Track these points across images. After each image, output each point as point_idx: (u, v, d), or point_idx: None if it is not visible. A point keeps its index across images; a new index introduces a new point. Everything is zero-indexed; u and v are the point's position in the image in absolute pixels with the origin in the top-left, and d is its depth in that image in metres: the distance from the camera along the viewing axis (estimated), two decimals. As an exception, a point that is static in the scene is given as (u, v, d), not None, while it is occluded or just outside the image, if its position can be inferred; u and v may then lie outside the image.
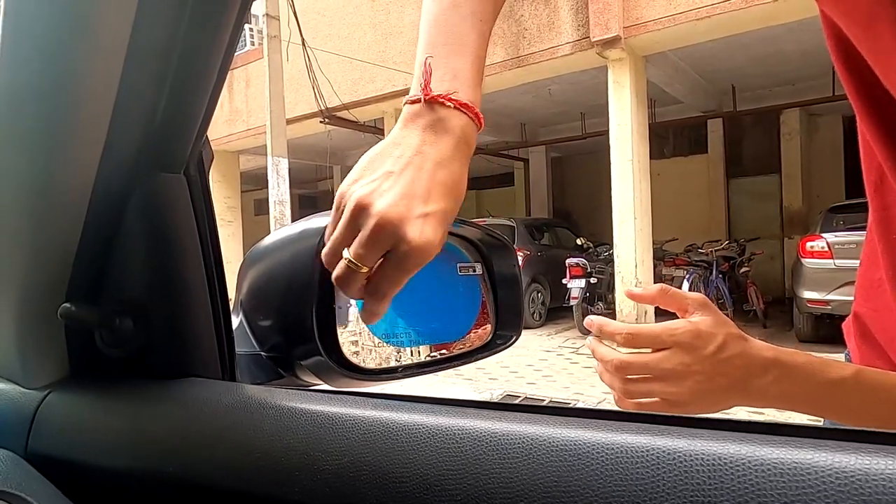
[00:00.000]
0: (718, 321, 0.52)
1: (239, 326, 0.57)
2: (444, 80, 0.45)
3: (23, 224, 0.48)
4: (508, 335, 0.67)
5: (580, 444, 0.29)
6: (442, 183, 0.42)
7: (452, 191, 0.43)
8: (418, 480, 0.32)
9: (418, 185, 0.41)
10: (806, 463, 0.24)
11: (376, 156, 0.43)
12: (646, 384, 0.53)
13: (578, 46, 6.77)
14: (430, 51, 0.46)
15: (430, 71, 0.45)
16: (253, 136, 10.16)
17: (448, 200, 0.42)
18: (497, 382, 5.17)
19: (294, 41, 7.34)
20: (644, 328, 0.53)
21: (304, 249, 0.53)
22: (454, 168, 0.43)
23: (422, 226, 0.40)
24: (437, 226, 0.41)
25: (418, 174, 0.41)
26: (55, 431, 0.49)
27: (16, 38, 0.40)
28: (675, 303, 0.55)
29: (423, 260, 0.40)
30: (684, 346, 0.51)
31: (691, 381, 0.51)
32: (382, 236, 0.39)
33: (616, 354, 0.54)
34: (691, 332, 0.51)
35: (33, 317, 0.51)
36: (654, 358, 0.52)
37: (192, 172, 0.50)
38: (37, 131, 0.43)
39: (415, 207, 0.40)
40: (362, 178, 0.42)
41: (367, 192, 0.41)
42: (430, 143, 0.43)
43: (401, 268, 0.40)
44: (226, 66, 0.45)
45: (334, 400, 0.41)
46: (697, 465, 0.26)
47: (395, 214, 0.39)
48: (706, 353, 0.50)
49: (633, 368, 0.53)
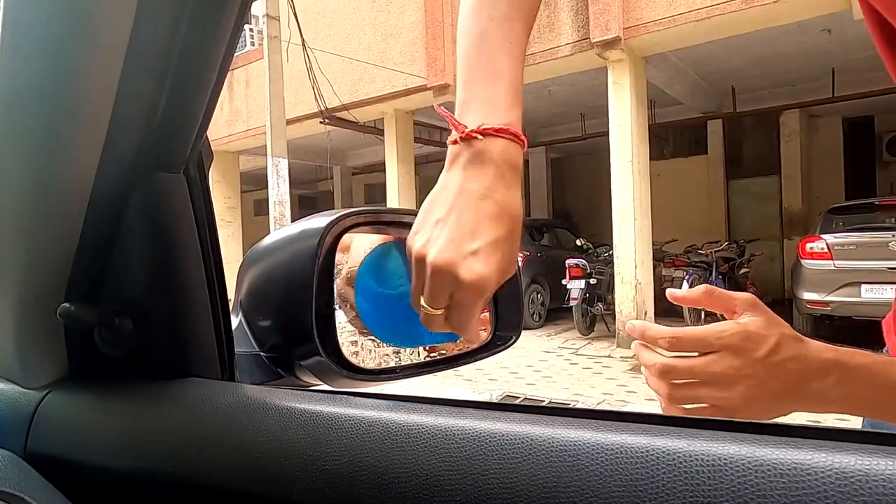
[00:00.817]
0: (770, 322, 0.49)
1: (238, 326, 0.57)
2: (479, 112, 0.46)
3: (22, 223, 0.48)
4: (508, 336, 0.67)
5: (580, 445, 0.29)
6: (488, 215, 0.44)
7: (501, 217, 0.44)
8: (418, 480, 0.32)
9: (464, 225, 0.43)
10: (806, 463, 0.24)
11: (429, 205, 0.46)
12: (692, 389, 0.50)
13: (578, 47, 6.77)
14: (466, 88, 0.48)
15: (453, 112, 0.47)
16: (253, 136, 10.15)
17: (498, 228, 0.44)
18: (496, 383, 5.17)
19: (294, 41, 7.34)
20: (689, 331, 0.50)
21: (303, 250, 0.53)
22: (498, 196, 0.45)
23: (471, 264, 0.42)
24: (487, 258, 0.43)
25: (462, 214, 0.44)
26: (54, 431, 0.49)
27: (16, 37, 0.40)
28: (722, 304, 0.52)
29: (480, 293, 0.43)
30: (733, 349, 0.48)
31: (742, 385, 0.48)
32: (440, 282, 0.43)
33: (660, 358, 0.51)
34: (740, 335, 0.48)
35: (33, 316, 0.51)
36: (701, 362, 0.49)
37: (191, 172, 0.50)
38: (36, 131, 0.43)
39: (462, 247, 0.43)
40: (420, 231, 0.45)
41: (422, 244, 0.44)
42: (472, 179, 0.45)
43: (464, 305, 0.44)
44: (226, 66, 0.45)
45: (334, 400, 0.41)
46: (697, 465, 0.26)
47: (443, 261, 0.42)
48: (758, 355, 0.48)
49: (678, 373, 0.50)
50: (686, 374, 0.50)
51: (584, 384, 5.15)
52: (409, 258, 0.46)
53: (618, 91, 6.66)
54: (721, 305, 0.53)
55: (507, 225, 0.45)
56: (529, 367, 5.80)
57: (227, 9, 0.42)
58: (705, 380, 0.49)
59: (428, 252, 0.43)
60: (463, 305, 0.44)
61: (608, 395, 4.75)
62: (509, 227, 0.45)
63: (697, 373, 0.49)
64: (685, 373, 0.50)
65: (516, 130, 0.46)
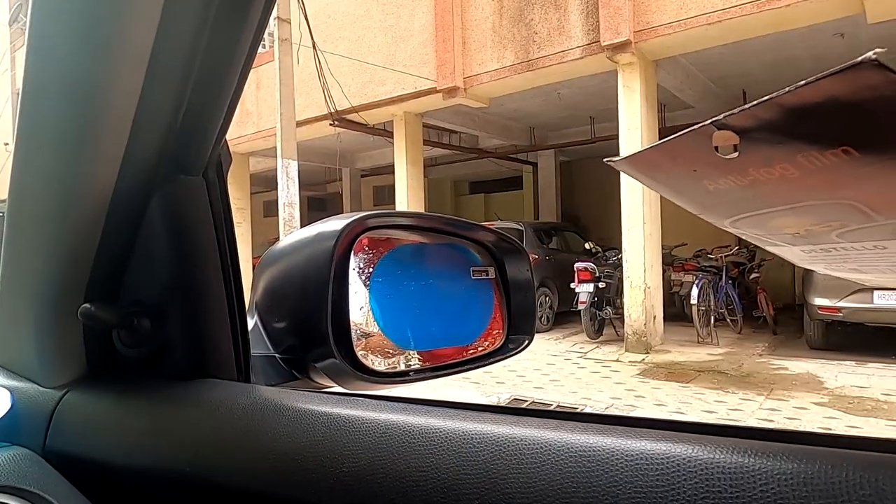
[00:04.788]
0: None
1: (254, 328, 0.57)
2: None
3: (44, 225, 0.48)
4: (521, 339, 0.67)
5: (598, 451, 0.29)
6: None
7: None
8: (436, 484, 0.32)
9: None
10: (827, 474, 0.24)
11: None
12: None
13: (589, 50, 6.75)
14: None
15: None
16: (263, 138, 10.21)
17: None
18: (504, 386, 5.15)
19: (305, 44, 7.38)
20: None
21: (319, 252, 0.53)
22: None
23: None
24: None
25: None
26: (73, 430, 0.50)
27: (41, 43, 0.41)
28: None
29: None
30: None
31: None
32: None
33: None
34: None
35: (53, 316, 0.51)
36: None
37: (210, 175, 0.50)
38: (60, 135, 0.44)
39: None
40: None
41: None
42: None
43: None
44: (246, 71, 0.45)
45: (350, 402, 0.41)
46: (718, 473, 0.26)
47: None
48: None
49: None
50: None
51: (592, 388, 5.13)
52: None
53: (628, 95, 6.64)
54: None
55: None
56: (537, 371, 5.78)
57: (248, 15, 0.42)
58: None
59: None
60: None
61: (616, 400, 4.73)
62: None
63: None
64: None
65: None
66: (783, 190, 0.24)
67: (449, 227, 0.66)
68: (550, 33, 7.04)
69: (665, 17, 6.17)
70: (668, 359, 6.21)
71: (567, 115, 9.87)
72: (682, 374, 5.53)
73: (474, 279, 0.67)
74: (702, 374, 5.52)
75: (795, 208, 0.25)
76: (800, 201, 0.25)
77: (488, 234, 0.67)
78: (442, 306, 0.66)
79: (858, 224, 0.25)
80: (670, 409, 4.43)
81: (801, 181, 0.23)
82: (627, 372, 5.75)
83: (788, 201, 0.25)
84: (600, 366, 6.09)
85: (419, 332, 0.62)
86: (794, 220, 0.27)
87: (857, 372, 5.33)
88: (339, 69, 8.23)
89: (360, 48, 8.74)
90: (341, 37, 8.95)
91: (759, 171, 0.23)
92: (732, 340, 7.04)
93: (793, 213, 0.26)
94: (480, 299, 0.68)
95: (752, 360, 5.91)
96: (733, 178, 0.24)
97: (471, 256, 0.68)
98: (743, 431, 0.29)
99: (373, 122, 9.28)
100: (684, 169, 0.26)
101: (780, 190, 0.24)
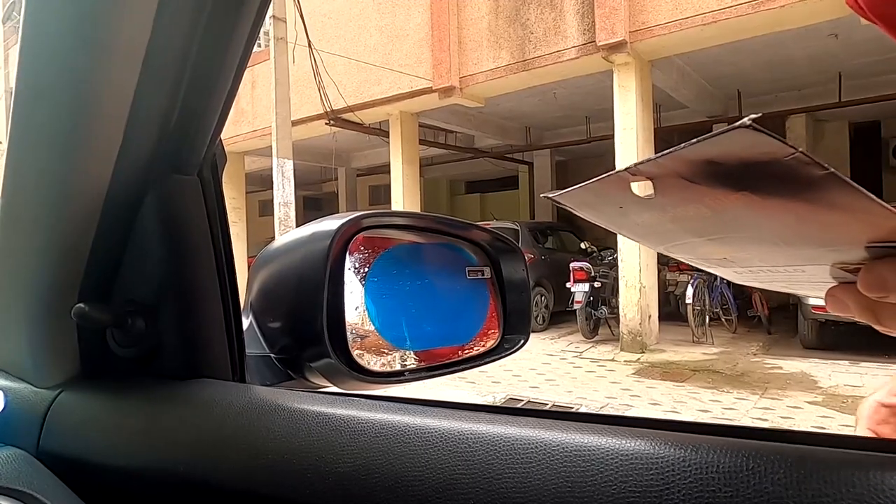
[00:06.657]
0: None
1: (249, 328, 0.57)
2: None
3: (38, 224, 0.48)
4: (517, 339, 0.67)
5: (594, 450, 0.29)
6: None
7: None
8: (431, 484, 0.32)
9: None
10: (822, 473, 0.24)
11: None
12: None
13: (584, 50, 6.77)
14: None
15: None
16: (258, 137, 10.18)
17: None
18: (500, 386, 5.16)
19: (300, 43, 7.36)
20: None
21: (315, 252, 0.53)
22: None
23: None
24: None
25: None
26: (66, 430, 0.50)
27: (35, 41, 0.40)
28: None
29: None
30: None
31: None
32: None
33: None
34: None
35: (46, 316, 0.51)
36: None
37: (205, 174, 0.50)
38: (53, 133, 0.44)
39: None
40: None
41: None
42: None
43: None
44: (241, 70, 0.45)
45: (346, 402, 0.41)
46: (713, 472, 0.26)
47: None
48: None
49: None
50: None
51: (587, 387, 5.14)
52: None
53: (623, 95, 6.65)
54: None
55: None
56: (533, 370, 5.79)
57: (244, 14, 0.42)
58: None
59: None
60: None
61: (612, 399, 4.74)
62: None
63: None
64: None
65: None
66: (700, 226, 0.26)
67: (445, 226, 0.66)
68: (546, 33, 7.05)
69: (660, 18, 6.19)
70: (664, 358, 6.23)
71: (563, 114, 9.89)
72: (678, 374, 5.55)
73: (470, 279, 0.67)
74: (697, 373, 5.54)
75: (715, 240, 0.27)
76: (717, 234, 0.26)
77: (484, 233, 0.67)
78: (437, 306, 0.66)
79: (774, 253, 0.27)
80: (665, 409, 4.44)
81: (715, 218, 0.24)
82: (623, 371, 5.77)
83: (708, 233, 0.27)
84: (596, 365, 6.11)
85: (415, 332, 0.62)
86: (718, 248, 0.29)
87: (850, 371, 5.36)
88: (335, 68, 8.22)
89: (356, 47, 8.73)
90: (337, 36, 8.94)
91: (677, 210, 0.25)
92: (727, 340, 7.08)
93: (714, 243, 0.28)
94: (476, 299, 0.68)
95: (746, 360, 5.94)
96: (656, 214, 0.26)
97: (466, 256, 0.68)
98: (737, 431, 0.29)
99: (369, 121, 9.27)
100: (611, 206, 0.27)
101: (698, 225, 0.26)
